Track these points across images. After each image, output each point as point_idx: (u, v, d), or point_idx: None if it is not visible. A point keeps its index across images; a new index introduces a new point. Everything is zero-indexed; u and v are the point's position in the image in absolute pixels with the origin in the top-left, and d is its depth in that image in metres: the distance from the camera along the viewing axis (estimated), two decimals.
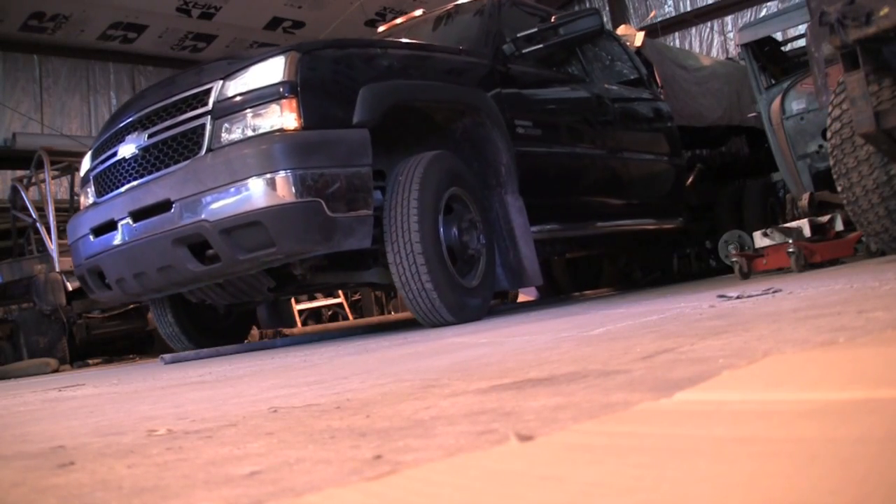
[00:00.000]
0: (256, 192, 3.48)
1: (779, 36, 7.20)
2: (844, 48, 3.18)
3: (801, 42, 7.23)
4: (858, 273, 3.12)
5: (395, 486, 0.57)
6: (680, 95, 6.84)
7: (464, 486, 0.54)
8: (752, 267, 4.94)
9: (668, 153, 6.29)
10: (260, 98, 3.59)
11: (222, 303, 4.66)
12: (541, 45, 4.90)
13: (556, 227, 4.96)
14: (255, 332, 7.16)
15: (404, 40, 4.89)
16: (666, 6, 12.92)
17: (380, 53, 4.12)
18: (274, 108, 3.55)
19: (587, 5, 13.54)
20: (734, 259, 5.01)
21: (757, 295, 2.57)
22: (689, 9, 12.64)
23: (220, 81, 3.75)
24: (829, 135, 3.81)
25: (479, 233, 4.17)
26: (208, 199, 3.58)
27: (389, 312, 9.61)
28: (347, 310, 9.34)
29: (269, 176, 3.46)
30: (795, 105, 6.09)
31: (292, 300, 8.37)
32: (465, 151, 4.45)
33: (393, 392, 1.35)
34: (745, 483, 0.43)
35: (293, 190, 3.45)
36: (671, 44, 11.48)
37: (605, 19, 13.12)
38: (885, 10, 2.95)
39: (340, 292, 9.10)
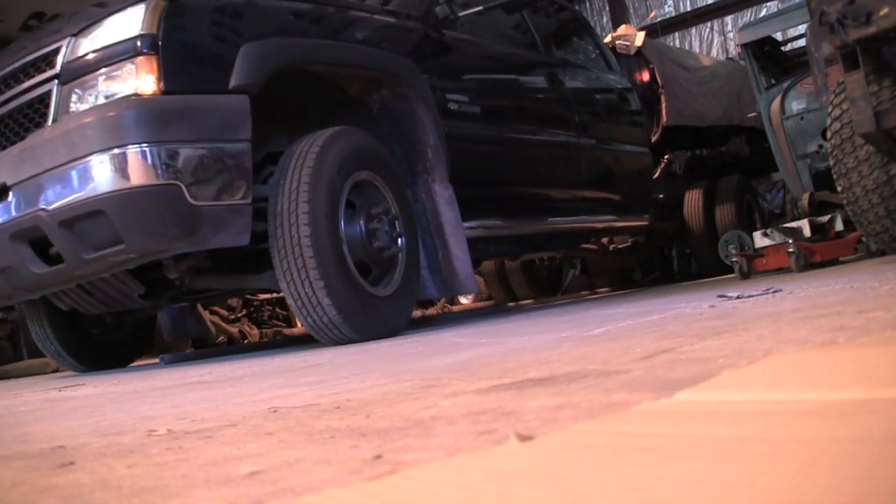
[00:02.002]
0: (98, 173, 2.85)
1: (779, 36, 7.20)
2: (844, 48, 3.18)
3: (801, 42, 7.23)
4: (858, 273, 3.12)
5: (395, 486, 0.57)
6: (680, 95, 6.83)
7: (464, 486, 0.54)
8: (752, 267, 4.94)
9: (633, 143, 5.75)
10: (113, 56, 2.95)
11: (94, 312, 3.90)
12: (480, 8, 4.25)
13: (498, 222, 4.29)
14: (255, 331, 7.16)
15: None
16: (666, 6, 12.93)
17: (273, 6, 3.37)
18: (129, 68, 2.91)
19: (587, 6, 13.55)
20: (734, 259, 5.01)
21: (757, 295, 2.57)
22: (689, 9, 12.64)
23: (71, 38, 3.09)
24: (829, 135, 3.81)
25: (398, 228, 3.48)
26: (45, 182, 2.96)
27: None
28: None
29: (113, 152, 2.83)
30: (795, 105, 6.10)
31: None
32: (386, 130, 3.79)
33: (393, 392, 1.35)
34: (745, 483, 0.43)
35: (143, 170, 2.83)
36: (671, 44, 11.48)
37: (605, 19, 13.19)
38: (885, 10, 2.95)
39: None
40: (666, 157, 6.90)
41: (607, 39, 6.92)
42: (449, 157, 3.82)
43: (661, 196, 6.41)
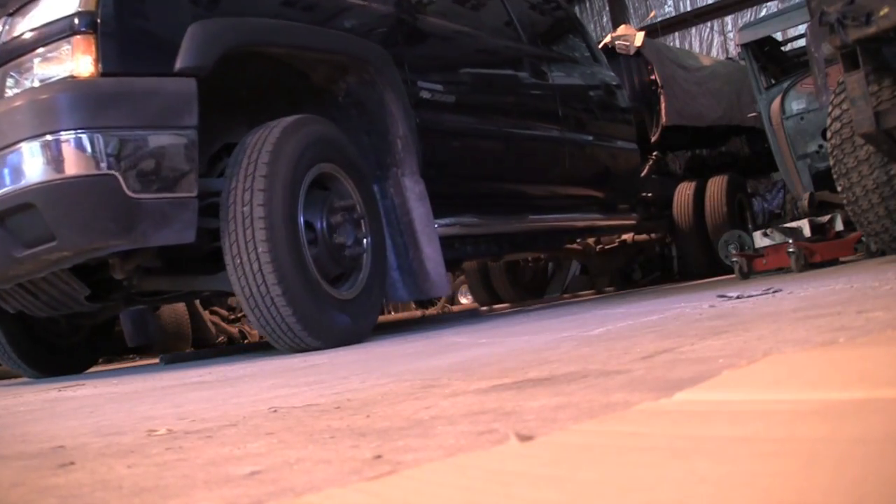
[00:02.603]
0: (28, 163, 2.63)
1: (779, 36, 7.21)
2: (844, 48, 3.18)
3: (801, 42, 7.24)
4: (858, 273, 3.12)
5: (395, 486, 0.57)
6: (680, 95, 6.83)
7: (464, 486, 0.54)
8: (752, 267, 4.94)
9: (620, 139, 5.53)
10: (49, 36, 2.72)
11: (42, 314, 3.65)
12: None
13: (474, 220, 4.05)
14: (255, 331, 7.16)
15: None
16: (666, 6, 12.94)
17: None
18: (65, 48, 2.68)
19: (587, 6, 13.55)
20: (734, 259, 5.01)
21: (757, 295, 2.57)
22: (689, 9, 12.66)
23: (7, 18, 2.87)
24: (829, 135, 3.81)
25: (362, 226, 3.27)
26: None
27: (389, 312, 9.61)
28: None
29: (45, 139, 2.60)
30: (795, 105, 6.10)
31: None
32: (353, 120, 3.58)
33: (393, 392, 1.35)
34: (745, 483, 0.43)
35: (75, 159, 2.60)
36: (671, 44, 11.49)
37: (605, 19, 13.19)
38: (885, 10, 2.95)
39: None
40: (654, 153, 6.70)
41: (607, 39, 6.93)
42: (420, 150, 3.60)
43: (649, 194, 6.23)
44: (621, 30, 7.23)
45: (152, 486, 0.81)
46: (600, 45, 6.84)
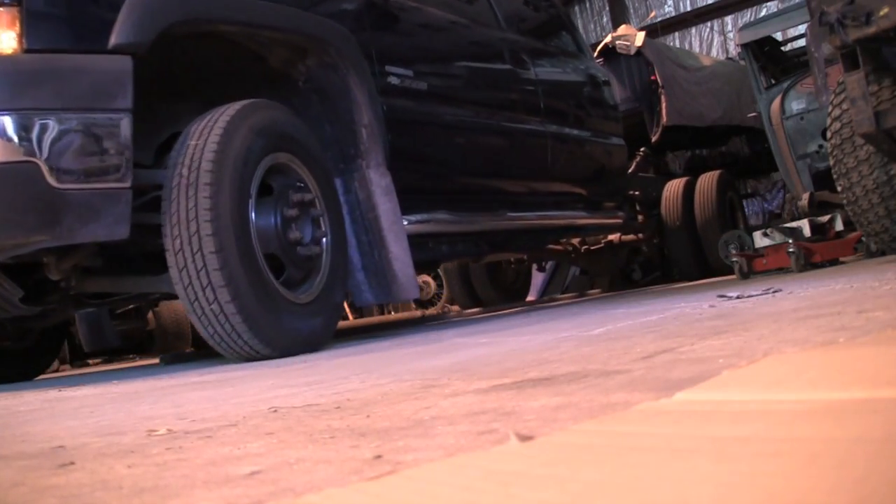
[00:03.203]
0: None
1: (779, 36, 7.21)
2: (844, 48, 3.19)
3: (801, 42, 7.24)
4: (858, 273, 3.12)
5: (395, 486, 0.57)
6: (680, 95, 6.83)
7: (464, 486, 0.54)
8: (752, 267, 4.95)
9: (607, 135, 5.31)
10: None
11: None
12: None
13: (446, 216, 3.76)
14: None
15: None
16: (666, 6, 12.93)
17: None
18: None
19: (588, 6, 13.55)
20: (734, 259, 5.01)
21: (757, 295, 2.57)
22: (689, 9, 12.65)
23: None
24: (829, 135, 3.81)
25: (321, 222, 3.03)
26: None
27: (389, 312, 9.61)
28: (347, 309, 9.33)
29: None
30: (795, 105, 6.10)
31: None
32: (314, 107, 3.34)
33: (393, 392, 1.35)
34: (745, 483, 0.43)
35: None
36: (671, 44, 11.49)
37: (605, 19, 13.19)
38: (885, 10, 2.95)
39: None
40: (642, 149, 6.49)
41: (607, 39, 6.93)
42: (388, 140, 3.35)
43: (636, 192, 6.02)
44: (622, 30, 7.23)
45: (152, 486, 0.81)
46: (601, 45, 6.85)
